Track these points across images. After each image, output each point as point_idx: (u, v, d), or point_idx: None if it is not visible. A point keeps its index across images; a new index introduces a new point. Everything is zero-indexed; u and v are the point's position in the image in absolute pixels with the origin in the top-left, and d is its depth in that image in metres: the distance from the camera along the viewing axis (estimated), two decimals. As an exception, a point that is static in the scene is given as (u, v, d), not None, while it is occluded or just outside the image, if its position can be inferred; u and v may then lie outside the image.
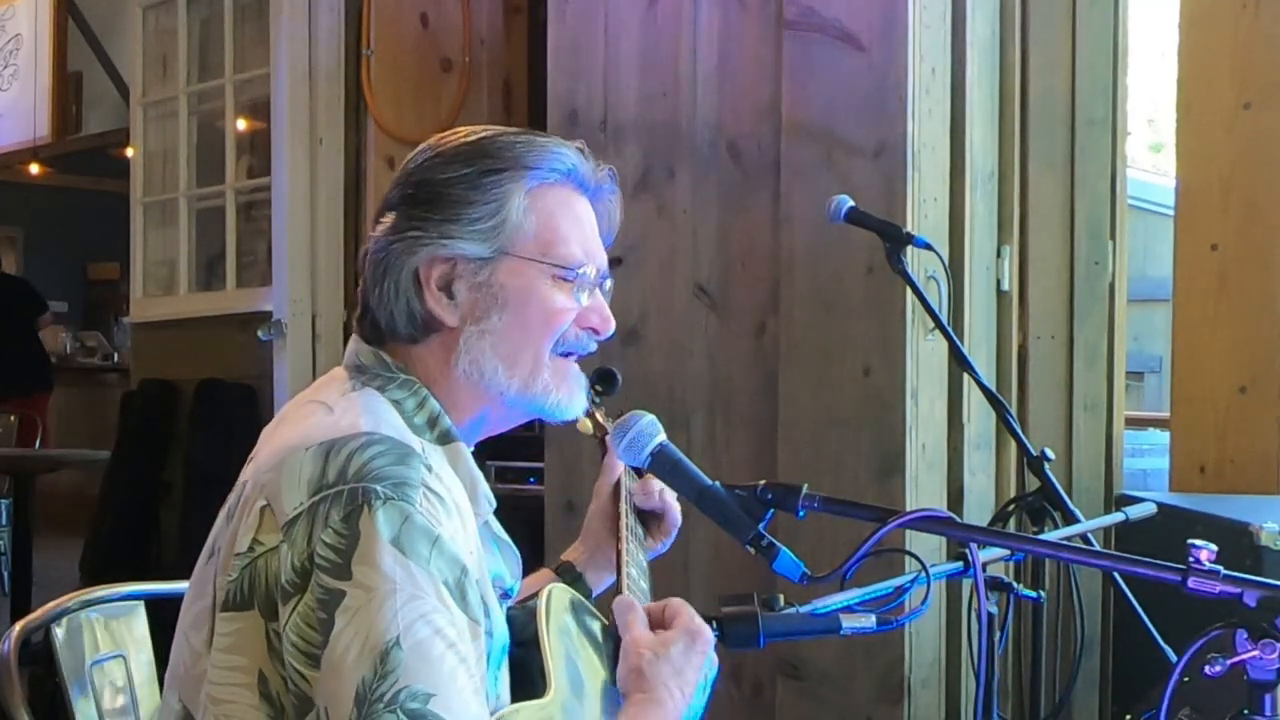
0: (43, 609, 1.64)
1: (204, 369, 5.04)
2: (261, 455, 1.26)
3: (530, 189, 1.34)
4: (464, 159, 1.34)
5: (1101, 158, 3.05)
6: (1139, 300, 3.83)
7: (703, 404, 3.11)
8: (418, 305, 1.32)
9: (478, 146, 1.35)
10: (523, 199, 1.34)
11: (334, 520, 1.14)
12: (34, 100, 7.89)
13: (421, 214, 1.32)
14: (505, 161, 1.34)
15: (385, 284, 1.32)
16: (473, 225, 1.32)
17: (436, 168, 1.34)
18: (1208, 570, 1.19)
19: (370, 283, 1.34)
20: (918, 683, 2.75)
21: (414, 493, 1.16)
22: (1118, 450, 3.09)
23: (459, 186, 1.32)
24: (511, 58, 4.80)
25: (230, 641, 1.18)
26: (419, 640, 1.11)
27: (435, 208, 1.32)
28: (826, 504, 1.33)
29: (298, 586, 1.13)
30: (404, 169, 1.38)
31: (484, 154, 1.34)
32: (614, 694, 1.31)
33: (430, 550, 1.15)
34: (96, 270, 11.07)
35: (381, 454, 1.18)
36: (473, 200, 1.32)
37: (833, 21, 2.85)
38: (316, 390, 1.34)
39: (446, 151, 1.35)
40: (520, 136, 1.37)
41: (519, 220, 1.33)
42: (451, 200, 1.32)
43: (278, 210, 4.56)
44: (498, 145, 1.35)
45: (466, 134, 1.38)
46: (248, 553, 1.17)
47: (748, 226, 3.04)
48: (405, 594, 1.12)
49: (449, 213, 1.32)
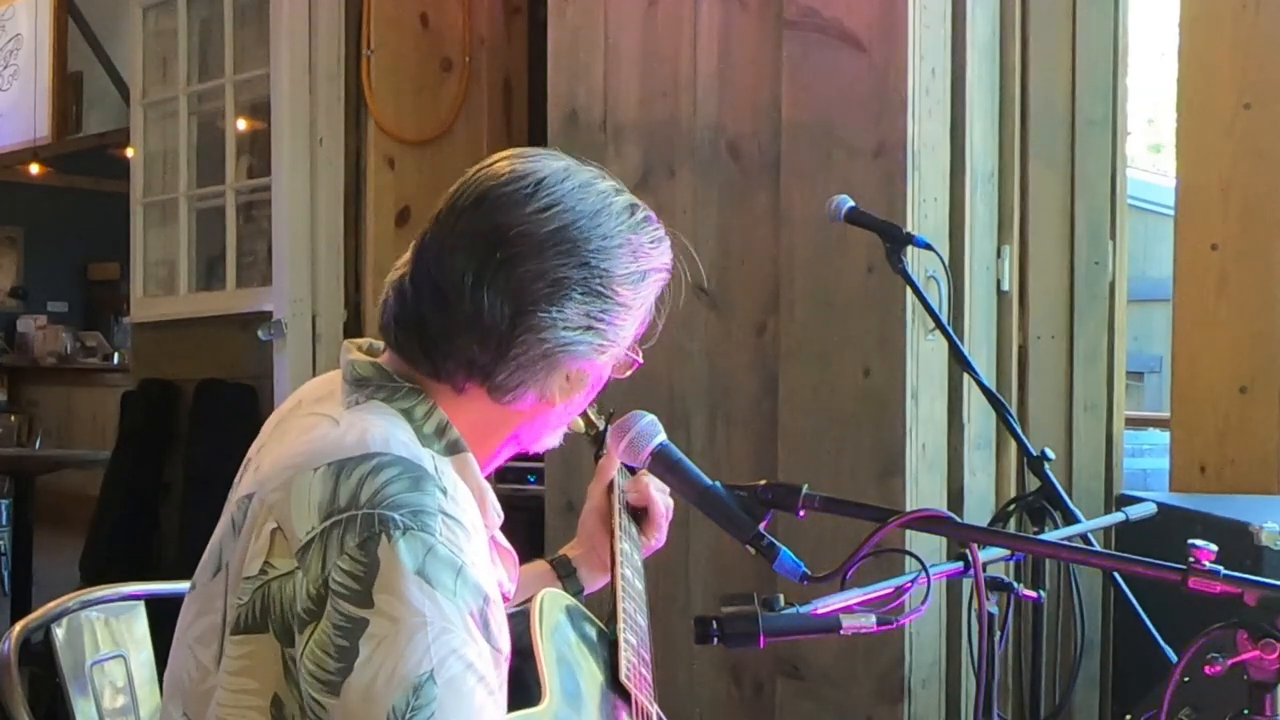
0: (43, 609, 1.64)
1: (204, 369, 5.03)
2: (265, 468, 1.24)
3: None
4: (630, 250, 1.29)
5: (1101, 158, 3.05)
6: (1139, 300, 3.83)
7: (703, 404, 3.11)
8: (530, 383, 1.27)
9: (637, 226, 1.31)
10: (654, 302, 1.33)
11: (349, 547, 1.12)
12: (34, 100, 7.89)
13: (598, 313, 1.26)
14: (655, 260, 1.31)
15: (526, 358, 1.25)
16: (627, 330, 1.30)
17: (608, 251, 1.27)
18: (1208, 570, 1.19)
19: (496, 338, 1.24)
20: (918, 683, 2.75)
21: (433, 521, 1.14)
22: (1118, 450, 3.09)
23: (626, 286, 1.28)
24: (511, 58, 4.80)
25: (242, 664, 1.17)
26: (452, 676, 1.10)
27: (607, 309, 1.27)
28: (826, 504, 1.33)
29: (313, 614, 1.12)
30: (567, 222, 1.26)
31: (642, 245, 1.30)
32: (610, 698, 1.31)
33: (455, 581, 1.13)
34: (96, 270, 11.05)
35: (395, 478, 1.15)
36: (630, 306, 1.29)
37: (833, 21, 2.85)
38: (317, 401, 1.31)
39: (618, 234, 1.28)
40: (659, 227, 1.33)
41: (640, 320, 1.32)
42: (619, 303, 1.27)
43: (278, 210, 4.55)
44: (650, 233, 1.31)
45: (629, 207, 1.31)
46: (259, 575, 1.16)
47: (748, 226, 3.04)
48: (436, 628, 1.10)
49: (614, 318, 1.27)
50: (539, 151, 1.33)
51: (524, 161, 1.30)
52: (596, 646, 1.38)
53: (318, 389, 1.36)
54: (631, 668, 1.36)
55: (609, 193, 1.30)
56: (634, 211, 1.31)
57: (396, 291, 1.30)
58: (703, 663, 3.08)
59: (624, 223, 1.29)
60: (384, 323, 1.31)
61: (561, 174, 1.29)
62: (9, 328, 10.51)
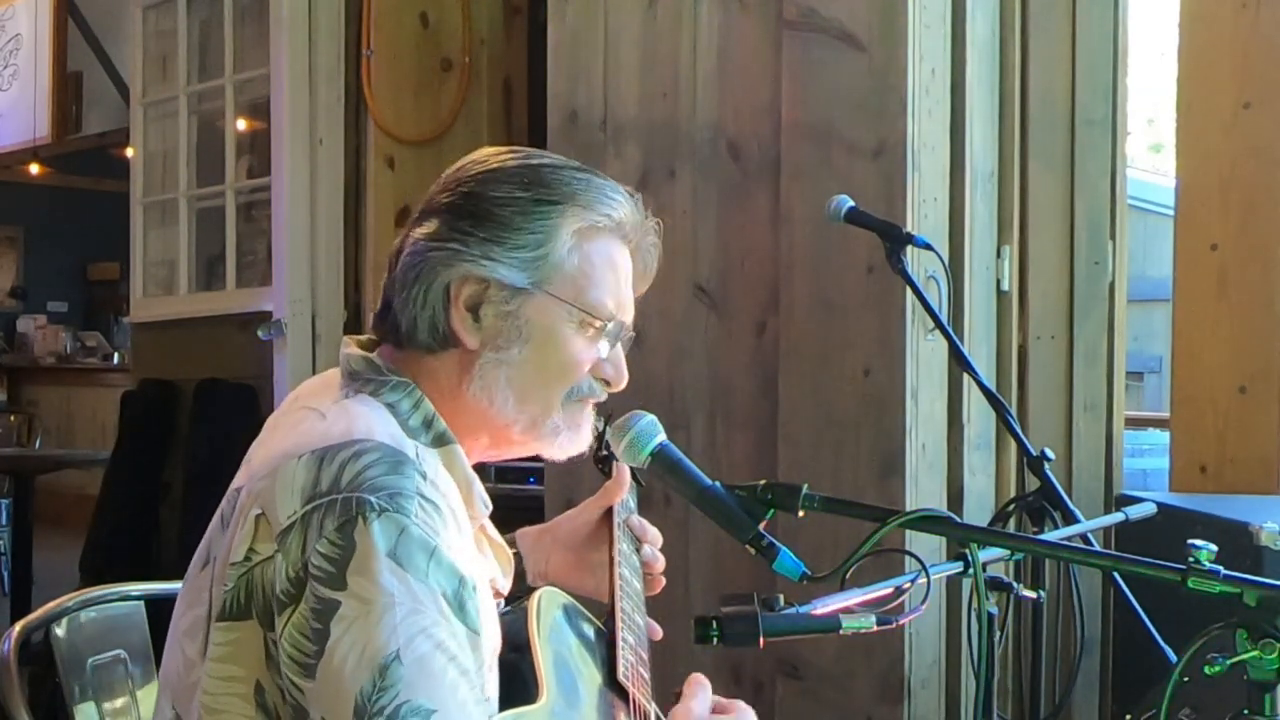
0: (43, 609, 1.65)
1: (204, 369, 5.04)
2: (255, 462, 1.25)
3: (578, 228, 1.32)
4: (520, 182, 1.31)
5: (1101, 158, 3.05)
6: (1139, 300, 3.83)
7: (703, 404, 3.11)
8: (442, 318, 1.30)
9: (536, 172, 1.33)
10: (569, 237, 1.32)
11: (328, 530, 1.13)
12: (34, 100, 7.90)
13: (466, 228, 1.29)
14: (560, 195, 1.32)
15: (414, 289, 1.30)
16: (515, 251, 1.30)
17: (490, 184, 1.31)
18: (1208, 570, 1.19)
19: (399, 284, 1.31)
20: (918, 683, 2.75)
21: (409, 503, 1.15)
22: (1118, 450, 3.09)
23: (509, 209, 1.30)
24: (511, 58, 4.80)
25: (226, 651, 1.17)
26: (420, 655, 1.10)
27: (481, 225, 1.30)
28: (826, 504, 1.33)
29: (292, 596, 1.13)
30: (454, 175, 1.35)
31: (541, 181, 1.32)
32: (608, 697, 1.30)
33: (428, 562, 1.14)
34: (96, 270, 11.06)
35: (374, 462, 1.17)
36: (520, 226, 1.30)
37: (833, 21, 2.85)
38: (310, 396, 1.32)
39: (503, 171, 1.33)
40: (580, 173, 1.35)
41: (561, 258, 1.31)
42: (499, 221, 1.30)
43: (278, 210, 4.56)
44: (556, 176, 1.33)
45: (526, 155, 1.35)
46: (244, 562, 1.16)
47: (748, 226, 3.04)
48: (405, 608, 1.11)
49: (494, 233, 1.29)
50: (541, 152, 1.37)
51: (513, 153, 1.36)
52: (594, 645, 1.37)
53: (313, 386, 1.37)
54: (629, 666, 1.35)
55: (560, 163, 1.35)
56: (582, 171, 1.35)
57: (385, 284, 1.36)
58: (703, 663, 3.07)
59: (540, 165, 1.33)
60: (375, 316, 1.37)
61: (537, 156, 1.35)
62: (9, 328, 10.51)
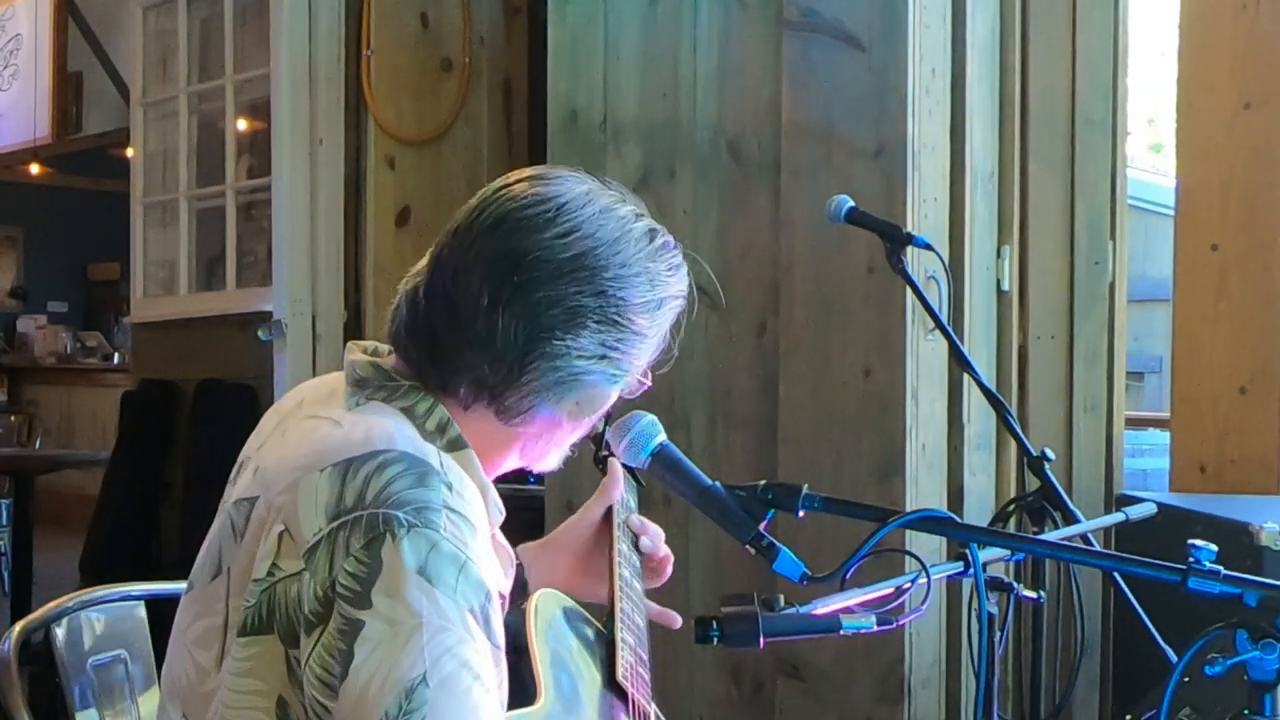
0: (43, 609, 1.65)
1: (204, 369, 5.03)
2: (268, 471, 1.23)
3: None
4: (648, 278, 1.27)
5: (1101, 158, 3.05)
6: (1139, 300, 3.83)
7: (703, 404, 3.11)
8: (539, 408, 1.27)
9: (655, 253, 1.29)
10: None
11: (355, 548, 1.12)
12: (34, 100, 7.90)
13: (613, 342, 1.26)
14: (673, 288, 1.30)
15: (532, 379, 1.25)
16: (640, 360, 1.29)
17: (626, 282, 1.26)
18: (1208, 570, 1.19)
19: (511, 358, 1.24)
20: (918, 683, 2.75)
21: (437, 517, 1.14)
22: (1118, 450, 3.09)
23: (643, 316, 1.27)
24: (511, 58, 4.80)
25: (248, 665, 1.17)
26: (446, 675, 1.09)
27: (625, 338, 1.26)
28: (826, 504, 1.33)
29: (321, 617, 1.12)
30: (585, 241, 1.25)
31: (660, 273, 1.29)
32: (608, 698, 1.30)
33: (457, 578, 1.13)
34: (96, 270, 11.05)
35: (400, 475, 1.15)
36: (646, 334, 1.28)
37: (833, 21, 2.85)
38: (317, 404, 1.30)
39: (635, 261, 1.27)
40: (676, 252, 1.32)
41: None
42: (637, 332, 1.27)
43: (278, 210, 4.55)
44: (669, 261, 1.30)
45: (645, 226, 1.30)
46: (266, 578, 1.16)
47: (748, 226, 3.04)
48: (432, 627, 1.10)
49: (635, 347, 1.27)
50: (561, 172, 1.32)
51: (545, 184, 1.29)
52: (593, 646, 1.37)
53: (320, 390, 1.35)
54: (629, 667, 1.35)
55: (629, 218, 1.29)
56: (653, 237, 1.30)
57: (409, 301, 1.30)
58: (703, 663, 3.08)
59: (642, 249, 1.28)
60: (393, 330, 1.31)
61: (583, 199, 1.28)
62: (9, 328, 10.50)
